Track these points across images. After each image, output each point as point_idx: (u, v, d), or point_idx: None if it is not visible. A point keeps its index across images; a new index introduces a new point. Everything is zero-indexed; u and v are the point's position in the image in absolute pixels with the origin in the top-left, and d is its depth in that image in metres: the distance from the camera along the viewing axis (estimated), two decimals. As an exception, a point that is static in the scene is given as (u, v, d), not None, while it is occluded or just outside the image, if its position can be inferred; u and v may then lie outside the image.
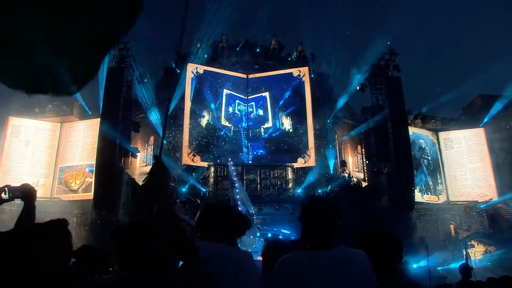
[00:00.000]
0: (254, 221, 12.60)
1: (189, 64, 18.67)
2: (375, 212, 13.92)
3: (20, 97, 15.58)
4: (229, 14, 20.26)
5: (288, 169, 16.68)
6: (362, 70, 17.28)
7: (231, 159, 15.26)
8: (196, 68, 18.87)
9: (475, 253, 15.38)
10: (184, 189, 15.28)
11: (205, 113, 18.68)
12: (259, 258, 2.79)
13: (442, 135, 19.05)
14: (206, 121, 18.59)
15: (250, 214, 12.13)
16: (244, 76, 19.69)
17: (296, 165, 17.40)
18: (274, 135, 18.93)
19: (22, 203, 2.25)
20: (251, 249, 10.08)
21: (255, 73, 19.88)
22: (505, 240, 14.95)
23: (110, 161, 12.99)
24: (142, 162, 17.70)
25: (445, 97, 20.72)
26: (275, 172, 16.55)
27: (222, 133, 18.61)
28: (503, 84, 18.05)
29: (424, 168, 18.02)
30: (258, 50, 20.74)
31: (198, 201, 14.12)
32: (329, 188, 16.50)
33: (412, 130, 17.76)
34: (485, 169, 17.80)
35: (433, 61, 51.79)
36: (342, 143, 19.28)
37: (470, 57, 46.98)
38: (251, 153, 18.39)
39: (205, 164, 17.04)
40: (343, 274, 1.83)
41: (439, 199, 17.66)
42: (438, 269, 12.88)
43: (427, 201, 17.17)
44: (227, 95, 19.25)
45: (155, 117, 16.33)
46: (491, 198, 16.99)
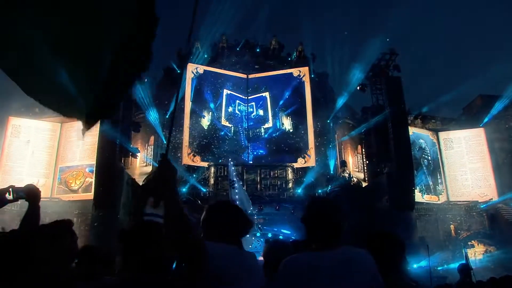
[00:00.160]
0: (255, 221, 12.59)
1: (189, 64, 18.65)
2: (375, 212, 13.92)
3: (20, 97, 15.52)
4: (229, 14, 20.26)
5: (288, 169, 16.67)
6: (362, 70, 17.29)
7: (231, 159, 15.25)
8: (196, 68, 18.87)
9: (475, 253, 15.40)
10: (184, 189, 15.29)
11: (205, 113, 18.69)
12: (260, 258, 2.78)
13: (442, 135, 19.04)
14: (206, 121, 18.59)
15: (250, 214, 12.10)
16: (244, 76, 19.69)
17: (296, 165, 17.40)
18: (274, 135, 18.93)
19: (22, 203, 2.25)
20: (247, 249, 10.05)
21: (255, 73, 19.88)
22: (505, 240, 14.96)
23: (110, 161, 12.99)
24: (142, 162, 17.69)
25: (445, 97, 20.72)
26: (275, 172, 16.55)
27: (222, 133, 18.62)
28: (503, 84, 18.05)
29: (424, 168, 18.01)
30: (258, 50, 20.73)
31: (199, 201, 14.11)
32: (329, 188, 16.50)
33: (412, 130, 17.75)
34: (485, 169, 17.79)
35: (433, 61, 51.80)
36: (342, 143, 19.27)
37: (470, 57, 46.97)
38: (252, 153, 18.39)
39: (205, 164, 17.04)
40: (347, 273, 1.83)
41: (439, 199, 17.65)
42: (438, 269, 12.89)
43: (427, 201, 17.16)
44: (227, 95, 19.26)
45: (155, 117, 16.33)
46: (491, 198, 16.99)
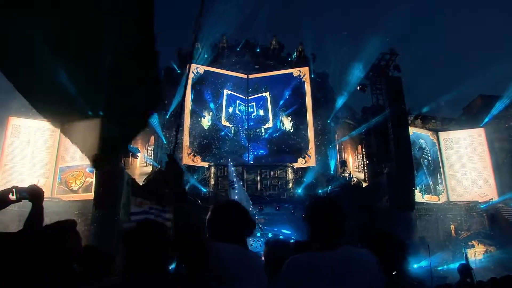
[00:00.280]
0: (256, 221, 12.57)
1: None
2: (375, 212, 13.91)
3: (20, 97, 15.52)
4: (229, 14, 20.25)
5: (288, 169, 16.66)
6: (362, 70, 17.29)
7: (231, 159, 15.24)
8: (196, 68, 18.86)
9: (475, 253, 15.40)
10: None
11: (205, 113, 18.68)
12: (262, 258, 2.77)
13: (442, 135, 19.03)
14: (206, 121, 18.58)
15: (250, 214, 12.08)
16: (244, 76, 19.68)
17: (296, 165, 17.39)
18: (274, 135, 18.92)
19: (23, 203, 2.25)
20: None
21: (255, 73, 19.87)
22: (506, 240, 14.96)
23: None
24: (142, 162, 17.68)
25: (445, 97, 20.74)
26: (276, 172, 16.54)
27: (222, 133, 18.61)
28: (503, 84, 18.06)
29: (424, 168, 18.01)
30: (258, 50, 20.71)
31: (199, 202, 14.10)
32: (330, 188, 16.50)
33: (412, 130, 17.75)
34: (485, 169, 17.79)
35: (433, 61, 51.80)
36: (343, 143, 19.26)
37: (470, 57, 46.97)
38: (252, 153, 18.39)
39: (205, 164, 17.04)
40: (349, 273, 1.82)
41: (439, 199, 17.65)
42: (439, 269, 12.89)
43: (427, 201, 17.16)
44: (227, 95, 19.26)
45: (155, 117, 16.30)
46: (491, 198, 16.98)
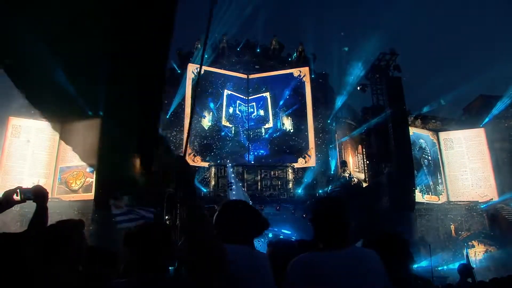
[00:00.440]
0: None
1: (189, 64, 18.62)
2: (376, 212, 13.92)
3: (21, 97, 15.56)
4: (230, 14, 20.21)
5: (288, 169, 16.66)
6: (362, 70, 17.30)
7: (229, 161, 15.25)
8: (196, 69, 18.83)
9: (475, 253, 15.39)
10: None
11: (205, 113, 18.67)
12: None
13: (443, 135, 19.04)
14: (207, 121, 18.57)
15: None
16: (244, 76, 19.68)
17: (296, 165, 17.39)
18: (274, 135, 18.92)
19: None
20: None
21: (255, 73, 19.86)
22: (506, 240, 14.97)
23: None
24: (142, 162, 17.65)
25: (445, 97, 20.74)
26: (276, 172, 16.54)
27: (223, 133, 18.61)
28: (503, 85, 18.07)
29: (425, 168, 18.01)
30: (258, 50, 20.70)
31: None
32: (330, 188, 16.51)
33: (413, 130, 17.76)
34: (486, 169, 17.79)
35: (433, 61, 51.82)
36: (343, 143, 19.25)
37: (470, 57, 46.98)
38: (252, 154, 18.39)
39: (205, 164, 17.03)
40: (357, 273, 1.81)
41: (439, 199, 17.66)
42: (439, 269, 12.89)
43: (427, 201, 17.16)
44: (228, 95, 19.24)
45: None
46: (492, 198, 16.99)
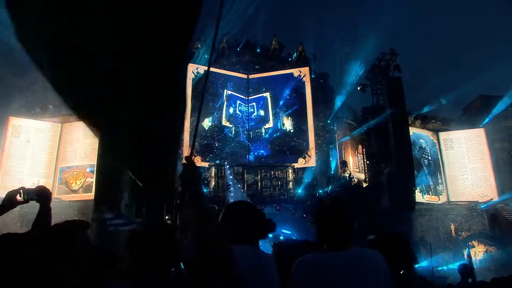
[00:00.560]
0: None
1: (189, 64, 18.60)
2: (376, 213, 13.92)
3: (21, 97, 15.60)
4: (230, 14, 20.21)
5: (288, 169, 16.66)
6: (363, 70, 17.31)
7: (227, 162, 15.22)
8: (196, 69, 18.83)
9: (475, 253, 15.40)
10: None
11: (206, 113, 18.67)
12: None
13: (443, 135, 19.03)
14: (207, 121, 18.57)
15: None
16: (244, 76, 19.67)
17: (296, 165, 17.38)
18: (275, 135, 18.91)
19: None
20: None
21: (255, 73, 19.85)
22: (506, 240, 14.97)
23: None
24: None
25: (445, 97, 20.74)
26: (276, 172, 16.54)
27: (223, 133, 18.60)
28: (503, 85, 18.08)
29: (425, 168, 18.01)
30: (258, 50, 20.69)
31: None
32: (330, 188, 16.51)
33: (413, 130, 17.75)
34: (486, 169, 17.79)
35: (433, 61, 51.83)
36: (343, 143, 19.26)
37: (470, 57, 46.98)
38: (252, 154, 18.39)
39: (206, 164, 17.03)
40: (360, 273, 1.82)
41: (439, 199, 17.65)
42: (439, 269, 12.89)
43: (427, 201, 17.16)
44: (228, 95, 19.24)
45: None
46: (492, 198, 16.98)
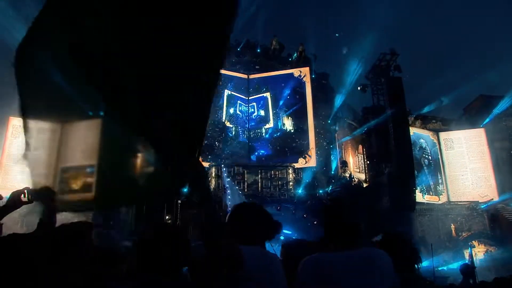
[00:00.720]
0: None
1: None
2: (376, 213, 13.91)
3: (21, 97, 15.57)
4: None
5: (289, 169, 16.65)
6: (363, 70, 17.30)
7: (223, 164, 15.24)
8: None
9: (476, 253, 15.39)
10: (185, 190, 15.22)
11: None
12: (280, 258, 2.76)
13: (443, 135, 19.03)
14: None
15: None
16: (245, 76, 19.67)
17: (297, 165, 17.37)
18: (275, 135, 18.91)
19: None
20: None
21: (256, 73, 19.85)
22: (506, 240, 14.97)
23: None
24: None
25: (446, 97, 20.76)
26: (276, 172, 16.54)
27: (223, 133, 18.60)
28: (503, 85, 18.08)
29: (425, 168, 18.00)
30: (259, 50, 20.69)
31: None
32: (330, 188, 16.50)
33: (413, 131, 17.74)
34: (486, 169, 17.78)
35: (433, 61, 51.83)
36: (343, 143, 19.25)
37: (470, 57, 46.98)
38: (253, 154, 18.38)
39: (206, 164, 17.02)
40: (366, 273, 1.82)
41: (439, 199, 17.65)
42: (439, 269, 12.89)
43: (427, 201, 17.15)
44: (228, 95, 19.23)
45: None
46: (492, 198, 16.98)
